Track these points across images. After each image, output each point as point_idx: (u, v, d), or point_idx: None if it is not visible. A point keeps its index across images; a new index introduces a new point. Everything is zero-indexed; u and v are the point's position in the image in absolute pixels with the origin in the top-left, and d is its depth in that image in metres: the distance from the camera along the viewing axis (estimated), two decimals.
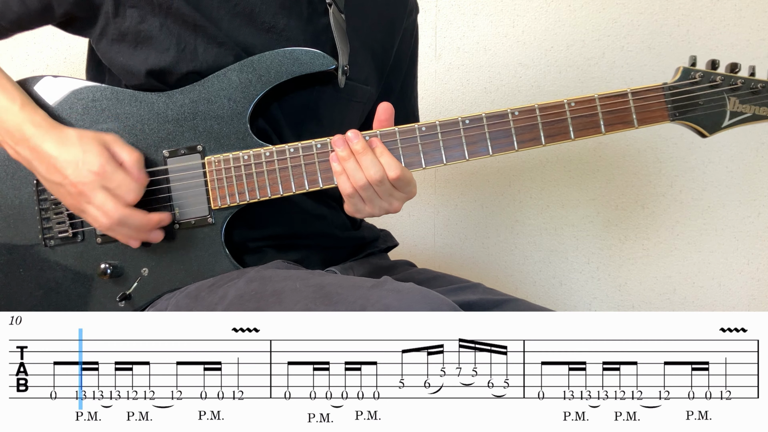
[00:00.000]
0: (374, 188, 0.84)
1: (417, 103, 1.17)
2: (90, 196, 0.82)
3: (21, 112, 0.85)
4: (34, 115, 0.85)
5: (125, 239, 0.87)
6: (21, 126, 0.84)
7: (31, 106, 0.86)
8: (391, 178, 0.83)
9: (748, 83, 0.87)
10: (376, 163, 0.83)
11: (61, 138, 0.84)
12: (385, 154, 0.84)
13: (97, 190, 0.82)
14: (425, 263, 1.10)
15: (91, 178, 0.82)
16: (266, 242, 0.95)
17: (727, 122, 0.88)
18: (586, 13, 1.58)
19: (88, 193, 0.82)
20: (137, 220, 0.84)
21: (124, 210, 0.83)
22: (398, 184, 0.84)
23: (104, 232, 0.87)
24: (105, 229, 0.85)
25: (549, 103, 0.86)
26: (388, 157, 0.84)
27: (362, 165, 0.83)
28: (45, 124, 0.85)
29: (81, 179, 0.82)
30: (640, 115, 0.87)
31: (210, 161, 0.89)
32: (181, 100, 0.90)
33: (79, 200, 0.83)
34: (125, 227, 0.84)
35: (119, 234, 0.86)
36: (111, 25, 0.89)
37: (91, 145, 0.83)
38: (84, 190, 0.82)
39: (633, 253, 1.64)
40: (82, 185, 0.82)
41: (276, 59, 0.89)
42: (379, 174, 0.82)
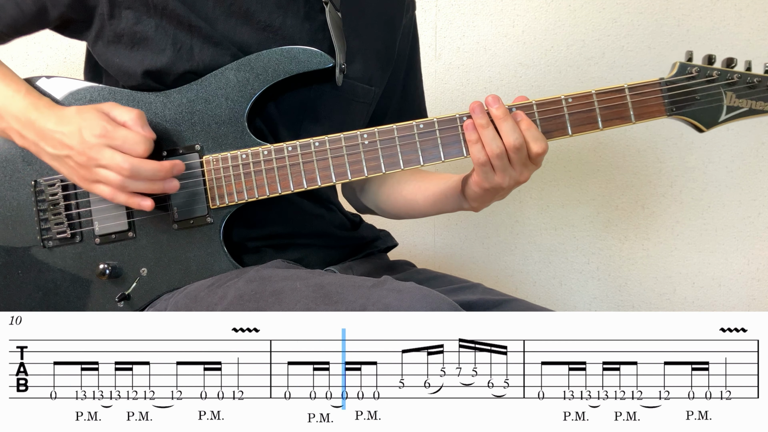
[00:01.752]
0: (510, 156, 0.83)
1: (424, 103, 1.16)
2: (98, 158, 0.81)
3: (25, 99, 0.86)
4: (38, 101, 0.86)
5: (139, 198, 0.83)
6: (26, 111, 0.85)
7: (35, 94, 0.88)
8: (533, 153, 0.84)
9: (744, 78, 0.87)
10: (516, 130, 0.83)
11: (61, 116, 0.84)
12: (531, 128, 0.84)
13: (103, 149, 0.81)
14: (425, 263, 1.10)
15: (96, 140, 0.81)
16: (265, 242, 0.95)
17: (724, 117, 0.88)
18: (586, 13, 1.58)
19: (95, 155, 0.81)
20: (150, 168, 0.82)
21: (134, 160, 0.81)
22: (537, 159, 0.85)
23: (117, 197, 0.83)
24: (118, 188, 0.82)
25: (546, 99, 0.86)
26: (534, 131, 0.84)
27: (502, 131, 0.83)
28: (47, 107, 0.86)
29: (86, 145, 0.81)
30: (637, 110, 0.87)
31: (208, 160, 0.89)
32: (178, 99, 0.90)
33: (89, 167, 0.82)
34: (138, 180, 0.82)
35: (133, 190, 0.83)
36: (106, 27, 0.89)
37: (90, 113, 0.83)
38: (91, 153, 0.81)
39: (633, 253, 1.64)
40: (88, 150, 0.81)
41: (273, 58, 0.89)
42: (519, 141, 0.82)
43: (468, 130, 0.84)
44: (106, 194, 0.83)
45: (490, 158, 0.83)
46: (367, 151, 0.87)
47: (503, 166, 0.84)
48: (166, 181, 0.84)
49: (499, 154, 0.83)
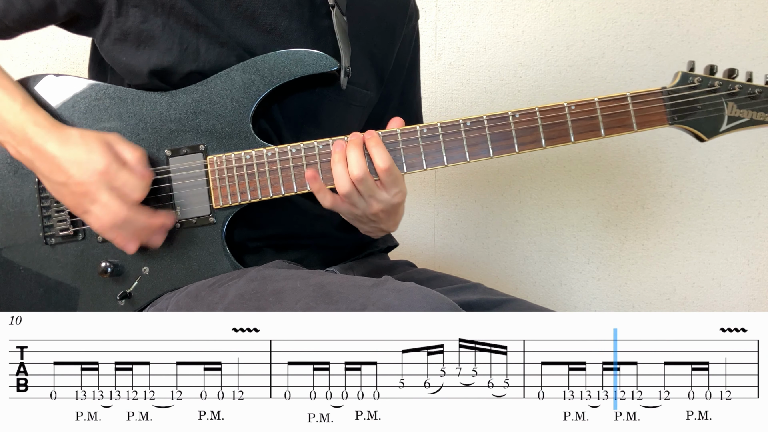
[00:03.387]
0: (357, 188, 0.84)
1: (421, 110, 1.17)
2: (95, 196, 0.82)
3: (23, 112, 0.85)
4: (36, 114, 0.85)
5: (124, 242, 0.85)
6: (23, 126, 0.84)
7: (33, 106, 0.86)
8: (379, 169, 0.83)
9: (745, 88, 0.88)
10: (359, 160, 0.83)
11: (63, 138, 0.83)
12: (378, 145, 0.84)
13: (102, 189, 0.81)
14: (425, 263, 1.10)
15: (96, 177, 0.81)
16: (266, 242, 0.95)
17: (725, 127, 0.89)
18: (586, 13, 1.58)
19: (93, 192, 0.82)
20: (141, 220, 0.83)
21: (129, 210, 0.82)
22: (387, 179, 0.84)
23: (104, 234, 0.85)
24: (106, 230, 0.84)
25: (549, 106, 0.87)
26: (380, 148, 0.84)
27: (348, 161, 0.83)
28: (47, 124, 0.85)
29: (86, 179, 0.81)
30: (640, 118, 0.87)
31: (212, 161, 0.89)
32: (183, 99, 0.90)
33: (83, 201, 0.83)
34: (128, 228, 0.83)
35: (120, 235, 0.84)
36: (114, 25, 0.89)
37: (95, 144, 0.83)
38: (89, 189, 0.82)
39: (633, 253, 1.64)
40: (87, 185, 0.81)
41: (279, 60, 0.89)
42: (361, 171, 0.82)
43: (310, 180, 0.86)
44: (93, 227, 0.85)
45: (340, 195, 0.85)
46: None
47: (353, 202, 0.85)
48: (153, 235, 0.86)
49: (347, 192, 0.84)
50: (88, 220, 0.85)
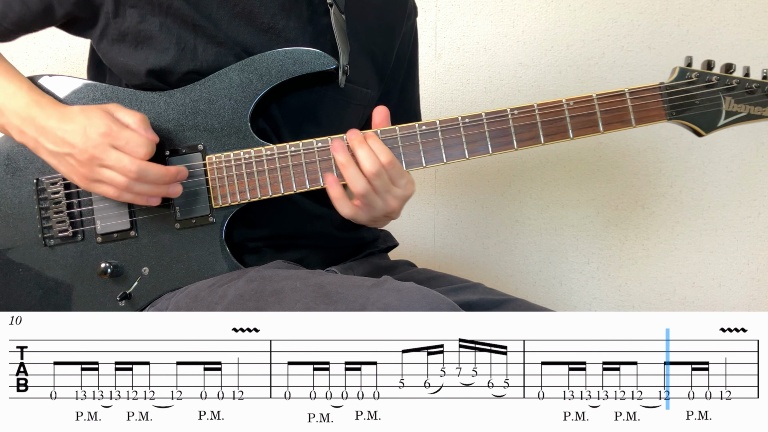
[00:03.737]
0: (372, 185, 0.83)
1: (419, 107, 1.17)
2: (102, 157, 0.81)
3: (27, 95, 0.86)
4: (41, 97, 0.86)
5: (144, 199, 0.84)
6: (27, 107, 0.85)
7: (37, 91, 0.87)
8: (384, 163, 0.83)
9: (743, 83, 0.88)
10: (371, 154, 0.83)
11: (64, 113, 0.84)
12: (376, 141, 0.84)
13: (108, 149, 0.81)
14: (425, 263, 1.10)
15: (100, 140, 0.81)
16: (266, 242, 0.95)
17: (723, 121, 0.89)
18: (586, 13, 1.58)
19: (99, 154, 0.81)
20: (155, 171, 0.82)
21: (141, 163, 0.81)
22: (392, 172, 0.84)
23: (122, 197, 0.83)
24: (123, 190, 0.83)
25: (548, 103, 0.87)
26: (378, 143, 0.84)
27: (359, 158, 0.83)
28: (50, 104, 0.86)
29: (90, 143, 0.81)
30: (638, 114, 0.88)
31: (211, 160, 0.89)
32: (181, 99, 0.90)
33: (91, 166, 0.82)
34: (143, 183, 0.82)
35: (138, 193, 0.83)
36: (111, 26, 0.89)
37: (94, 112, 0.83)
38: (95, 152, 0.81)
39: (633, 253, 1.64)
40: (92, 148, 0.81)
41: (277, 59, 0.89)
42: (376, 165, 0.83)
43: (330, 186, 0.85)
44: (110, 194, 0.83)
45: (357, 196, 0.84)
46: None
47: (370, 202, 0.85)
48: (171, 185, 0.85)
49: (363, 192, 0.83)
50: (102, 190, 0.83)
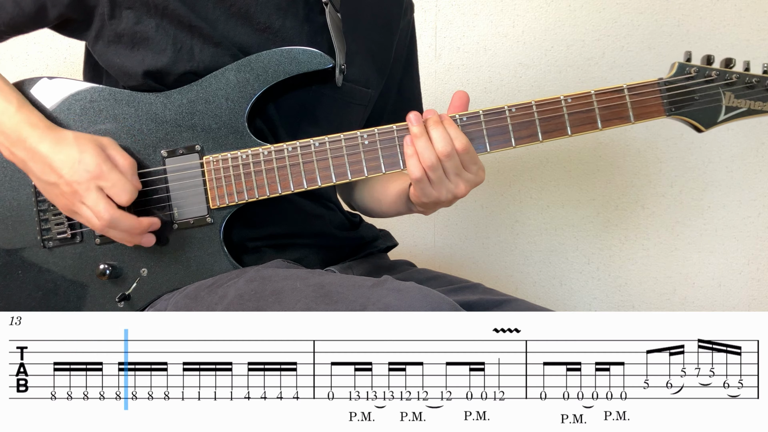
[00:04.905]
0: (443, 165, 0.83)
1: (421, 103, 1.16)
2: (83, 196, 0.82)
3: (17, 114, 0.85)
4: (31, 116, 0.85)
5: (119, 240, 0.87)
6: (17, 127, 0.84)
7: (28, 108, 0.86)
8: (459, 149, 0.82)
9: (743, 78, 0.87)
10: (446, 136, 0.83)
11: (57, 139, 0.84)
12: (452, 126, 0.84)
13: (91, 189, 0.82)
14: (425, 263, 1.10)
15: (87, 177, 0.82)
16: (265, 242, 0.95)
17: (723, 117, 0.88)
18: (586, 13, 1.58)
19: (81, 192, 0.82)
20: (127, 223, 0.84)
21: (114, 212, 0.82)
22: (465, 158, 0.83)
23: (99, 233, 0.88)
24: (97, 230, 0.85)
25: (545, 100, 0.86)
26: (455, 129, 0.84)
27: (433, 139, 0.83)
28: (41, 126, 0.85)
29: (76, 178, 0.82)
30: (637, 110, 0.87)
31: (208, 161, 0.89)
32: (179, 100, 0.90)
33: (73, 200, 0.83)
34: (116, 230, 0.84)
35: (112, 236, 0.86)
36: (107, 27, 0.89)
37: (88, 146, 0.83)
38: (78, 189, 0.82)
39: (633, 253, 1.64)
40: (76, 184, 0.82)
41: (274, 58, 0.89)
42: (448, 146, 0.82)
43: (405, 144, 0.84)
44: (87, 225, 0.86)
45: (426, 170, 0.83)
46: (367, 151, 0.87)
47: (438, 179, 0.83)
48: (143, 236, 0.87)
49: (432, 165, 0.82)
50: (79, 220, 0.86)
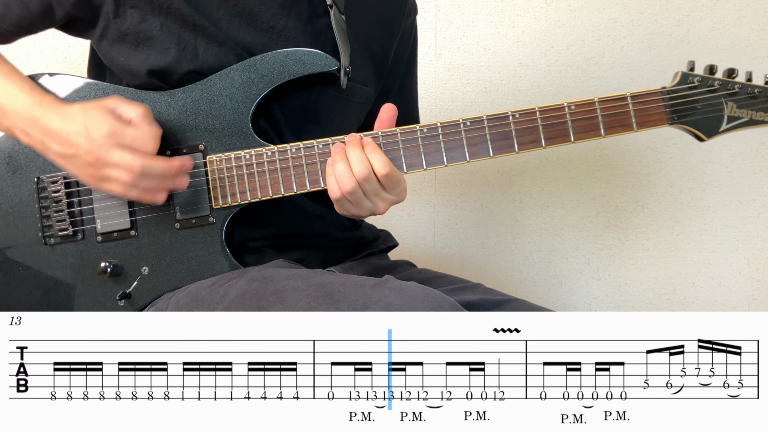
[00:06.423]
0: (361, 187, 0.83)
1: (417, 105, 1.17)
2: (107, 157, 0.81)
3: (29, 96, 0.86)
4: (42, 97, 0.86)
5: (151, 195, 0.84)
6: (30, 108, 0.85)
7: (39, 91, 0.87)
8: (380, 174, 0.82)
9: (745, 88, 0.88)
10: (363, 159, 0.82)
11: (66, 113, 0.83)
12: (375, 151, 0.83)
13: (112, 148, 0.81)
14: (425, 263, 1.10)
15: (104, 140, 0.81)
16: (266, 242, 0.95)
17: (725, 126, 0.89)
18: (586, 13, 1.58)
19: (104, 155, 0.81)
20: (159, 166, 0.82)
21: (143, 158, 0.81)
22: (387, 183, 0.83)
23: (128, 194, 0.83)
24: (129, 188, 0.83)
25: (549, 106, 0.87)
26: (378, 153, 0.83)
27: (351, 162, 0.82)
28: (52, 104, 0.85)
29: (94, 144, 0.81)
30: (639, 118, 0.88)
31: (212, 160, 0.89)
32: (183, 99, 0.90)
33: (97, 166, 0.82)
34: (149, 178, 0.82)
35: (144, 188, 0.83)
36: (111, 26, 0.89)
37: (95, 111, 0.82)
38: (99, 153, 0.81)
39: (633, 253, 1.64)
40: (97, 149, 0.81)
41: (279, 59, 0.89)
42: (365, 170, 0.82)
43: (327, 164, 0.85)
44: (117, 192, 0.83)
45: (344, 194, 0.83)
46: None
47: (357, 200, 0.83)
48: (177, 178, 0.85)
49: (350, 189, 0.82)
50: (109, 188, 0.83)
